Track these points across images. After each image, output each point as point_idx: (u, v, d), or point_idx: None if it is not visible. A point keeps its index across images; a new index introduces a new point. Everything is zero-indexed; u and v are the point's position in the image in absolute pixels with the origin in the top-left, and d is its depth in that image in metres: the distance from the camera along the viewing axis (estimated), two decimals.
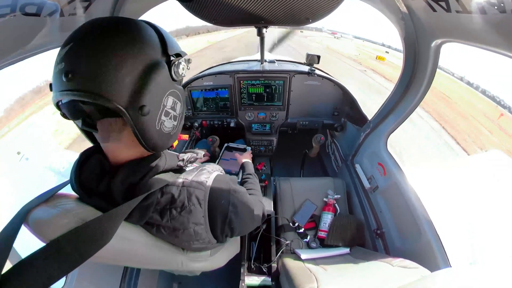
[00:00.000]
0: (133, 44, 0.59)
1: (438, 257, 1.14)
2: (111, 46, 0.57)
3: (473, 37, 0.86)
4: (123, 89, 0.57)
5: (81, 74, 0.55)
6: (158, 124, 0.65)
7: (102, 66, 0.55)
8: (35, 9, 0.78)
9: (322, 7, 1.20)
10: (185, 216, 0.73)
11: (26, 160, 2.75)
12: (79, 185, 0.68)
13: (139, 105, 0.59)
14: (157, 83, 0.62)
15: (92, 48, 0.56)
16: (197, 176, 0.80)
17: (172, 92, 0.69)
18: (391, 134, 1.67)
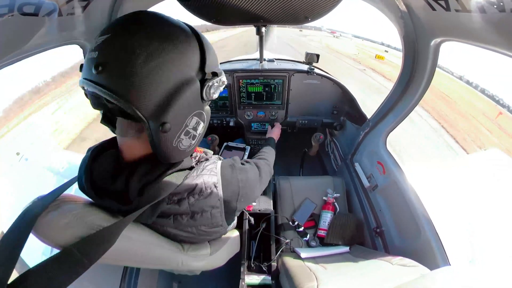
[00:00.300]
0: (173, 55, 0.56)
1: (437, 255, 1.14)
2: (150, 50, 0.54)
3: (473, 36, 0.86)
4: (150, 100, 0.55)
5: (111, 71, 0.53)
6: (175, 142, 0.64)
7: (135, 69, 0.53)
8: (33, 9, 0.77)
9: (321, 6, 1.20)
10: (203, 201, 0.78)
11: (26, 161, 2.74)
12: (90, 185, 0.65)
13: (161, 121, 0.57)
14: (185, 103, 0.60)
15: (129, 46, 0.53)
16: (206, 165, 0.84)
17: (198, 113, 0.67)
18: (390, 132, 1.68)
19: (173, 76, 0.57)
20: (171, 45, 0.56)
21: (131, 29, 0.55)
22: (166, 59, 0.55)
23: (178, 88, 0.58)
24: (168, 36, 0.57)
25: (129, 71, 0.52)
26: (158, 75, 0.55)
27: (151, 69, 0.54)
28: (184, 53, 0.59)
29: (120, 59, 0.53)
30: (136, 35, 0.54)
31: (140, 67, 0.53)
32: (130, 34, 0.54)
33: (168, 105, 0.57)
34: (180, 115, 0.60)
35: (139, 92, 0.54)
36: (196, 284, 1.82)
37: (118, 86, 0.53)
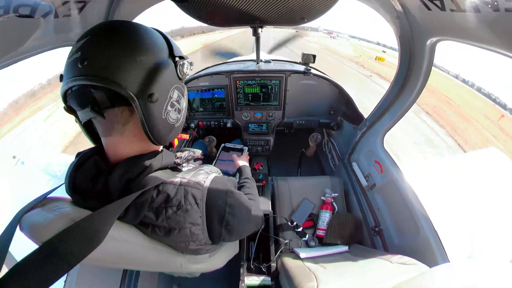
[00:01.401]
0: (145, 43, 0.65)
1: (436, 252, 1.15)
2: (127, 42, 0.63)
3: (468, 35, 0.87)
4: (135, 78, 0.62)
5: (97, 61, 0.59)
6: (164, 113, 0.69)
7: (117, 56, 0.60)
8: (29, 11, 0.77)
9: (317, 7, 1.21)
10: (181, 216, 0.73)
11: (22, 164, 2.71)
12: (72, 190, 0.68)
13: (148, 93, 0.63)
14: (166, 76, 0.67)
15: (109, 41, 0.62)
16: (194, 176, 0.79)
17: (178, 87, 0.74)
18: (387, 132, 1.69)
19: (151, 58, 0.65)
20: (143, 38, 0.66)
21: (108, 31, 0.65)
22: (141, 47, 0.64)
23: (157, 66, 0.66)
24: (138, 32, 0.67)
25: (112, 58, 0.60)
26: (139, 59, 0.62)
27: (132, 56, 0.62)
28: (154, 42, 0.68)
29: (103, 50, 0.60)
30: (114, 34, 0.64)
31: (122, 54, 0.61)
32: (108, 33, 0.64)
33: (152, 79, 0.64)
34: (164, 86, 0.67)
35: (125, 73, 0.60)
36: (196, 286, 1.81)
37: (104, 71, 0.59)
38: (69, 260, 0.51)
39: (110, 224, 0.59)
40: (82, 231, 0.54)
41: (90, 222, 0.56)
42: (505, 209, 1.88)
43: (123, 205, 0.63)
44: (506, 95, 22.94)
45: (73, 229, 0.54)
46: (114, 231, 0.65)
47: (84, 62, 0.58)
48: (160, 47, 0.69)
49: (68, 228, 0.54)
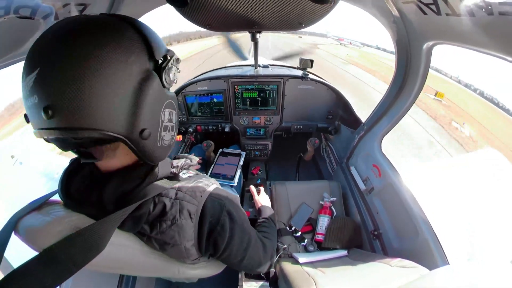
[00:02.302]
0: (114, 58, 0.49)
1: (436, 255, 1.15)
2: (89, 65, 0.47)
3: (463, 38, 0.89)
4: (117, 116, 0.51)
5: (63, 109, 0.47)
6: (159, 141, 0.63)
7: (86, 95, 0.47)
8: (29, 12, 0.77)
9: (315, 12, 1.22)
10: (176, 231, 0.70)
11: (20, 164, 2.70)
12: (67, 197, 0.66)
13: (138, 130, 0.54)
14: (152, 100, 0.56)
15: (65, 74, 0.46)
16: (192, 189, 0.76)
17: (168, 104, 0.64)
18: (385, 136, 1.70)
19: (128, 79, 0.52)
20: (109, 53, 0.49)
21: (59, 51, 0.47)
22: (111, 66, 0.49)
23: (139, 90, 0.53)
24: (99, 43, 0.49)
25: (81, 102, 0.47)
26: (113, 87, 0.49)
27: (102, 86, 0.48)
28: (126, 52, 0.52)
29: (64, 94, 0.46)
30: (68, 56, 0.47)
31: (90, 89, 0.47)
32: (61, 56, 0.47)
33: (138, 112, 0.53)
34: (153, 115, 0.58)
35: (103, 115, 0.49)
36: None
37: (78, 121, 0.48)
38: (70, 268, 0.50)
39: (110, 233, 0.58)
40: (84, 240, 0.54)
41: (92, 232, 0.55)
42: (505, 209, 1.88)
43: (122, 216, 0.61)
44: None
45: (74, 238, 0.53)
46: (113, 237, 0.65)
47: (48, 113, 0.46)
48: (136, 53, 0.54)
49: (69, 236, 0.53)
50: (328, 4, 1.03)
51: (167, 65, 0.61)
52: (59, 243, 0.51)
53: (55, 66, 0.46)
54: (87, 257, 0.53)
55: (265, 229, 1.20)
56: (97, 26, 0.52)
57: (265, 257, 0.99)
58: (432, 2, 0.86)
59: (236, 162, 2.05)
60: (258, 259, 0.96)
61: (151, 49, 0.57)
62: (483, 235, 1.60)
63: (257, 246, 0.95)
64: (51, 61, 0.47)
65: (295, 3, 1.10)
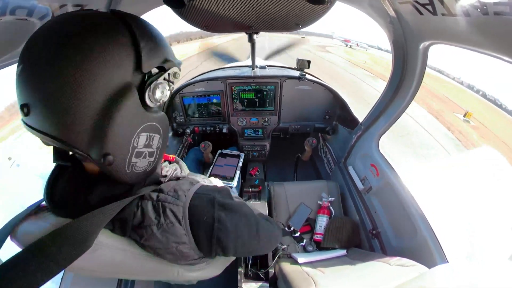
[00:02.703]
0: (94, 66, 0.46)
1: (434, 253, 1.15)
2: (62, 73, 0.45)
3: (459, 38, 0.89)
4: (81, 132, 0.48)
5: (35, 112, 0.47)
6: (128, 168, 0.57)
7: (53, 104, 0.45)
8: (26, 13, 0.77)
9: (311, 13, 1.23)
10: (163, 235, 0.65)
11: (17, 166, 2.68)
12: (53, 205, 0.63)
13: (101, 154, 0.50)
14: (123, 122, 0.51)
15: (40, 78, 0.45)
16: (174, 188, 0.69)
17: (146, 127, 0.57)
18: (382, 135, 1.71)
19: (99, 96, 0.47)
20: (87, 57, 0.46)
21: (39, 56, 0.46)
22: (84, 78, 0.45)
23: (108, 108, 0.48)
24: (82, 46, 0.46)
25: (51, 107, 0.46)
26: (81, 101, 0.46)
27: (71, 99, 0.45)
28: (107, 59, 0.47)
29: (37, 96, 0.46)
30: (44, 62, 0.45)
31: (59, 100, 0.45)
32: (38, 61, 0.46)
33: (102, 133, 0.49)
34: (121, 140, 0.52)
35: (69, 127, 0.47)
36: None
37: (46, 126, 0.48)
38: (59, 261, 0.49)
39: (99, 227, 0.55)
40: (73, 233, 0.52)
41: (80, 224, 0.53)
42: (505, 208, 1.90)
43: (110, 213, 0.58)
44: None
45: (63, 231, 0.51)
46: (109, 240, 0.64)
47: (24, 110, 0.47)
48: (118, 65, 0.49)
49: (58, 230, 0.51)
50: (324, 4, 1.03)
51: (156, 79, 0.55)
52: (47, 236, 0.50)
53: (34, 67, 0.46)
54: (77, 252, 0.51)
55: None
56: (85, 26, 0.49)
57: (275, 229, 0.93)
58: (428, 2, 0.87)
59: (235, 163, 2.05)
60: (273, 236, 0.90)
61: (140, 59, 0.51)
62: (483, 234, 1.61)
63: (266, 224, 0.88)
64: (32, 61, 0.47)
65: (292, 4, 1.10)
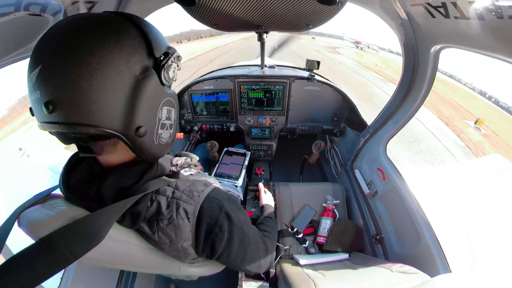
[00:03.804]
0: (114, 55, 0.51)
1: (438, 262, 1.13)
2: (88, 63, 0.49)
3: (472, 42, 0.87)
4: (114, 113, 0.52)
5: (63, 105, 0.49)
6: (156, 139, 0.63)
7: (84, 92, 0.49)
8: (39, 9, 0.79)
9: (322, 13, 1.21)
10: (173, 230, 0.70)
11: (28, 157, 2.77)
12: (67, 191, 0.67)
13: (134, 127, 0.55)
14: (149, 98, 0.57)
15: (65, 71, 0.48)
16: (189, 188, 0.75)
17: (166, 102, 0.64)
18: (390, 139, 1.68)
19: (126, 77, 0.53)
20: (108, 52, 0.51)
21: (59, 50, 0.50)
22: (109, 64, 0.51)
23: (136, 88, 0.55)
24: (99, 41, 0.51)
25: (79, 96, 0.49)
26: (110, 85, 0.51)
27: (100, 83, 0.50)
28: (126, 47, 0.53)
29: (64, 91, 0.48)
30: (67, 55, 0.49)
31: (88, 89, 0.49)
32: (61, 55, 0.49)
33: (134, 109, 0.54)
34: (149, 113, 0.59)
35: (100, 112, 0.51)
36: None
37: (76, 117, 0.50)
38: (67, 257, 0.51)
39: (110, 225, 0.58)
40: (82, 230, 0.54)
41: (90, 222, 0.55)
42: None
43: (121, 209, 0.61)
44: None
45: (73, 227, 0.53)
46: (113, 231, 0.66)
47: (49, 108, 0.49)
48: (135, 50, 0.55)
49: (68, 226, 0.53)
50: (335, 5, 1.02)
51: (166, 62, 0.62)
52: (57, 231, 0.52)
53: (56, 64, 0.49)
54: (85, 247, 0.53)
55: (267, 228, 1.19)
56: (98, 25, 0.53)
57: (264, 258, 0.97)
58: (441, 5, 0.85)
59: (241, 162, 2.05)
60: (258, 260, 0.94)
61: (151, 47, 0.58)
62: (489, 245, 1.56)
63: (258, 248, 0.93)
64: (53, 58, 0.49)
65: (302, 4, 1.09)
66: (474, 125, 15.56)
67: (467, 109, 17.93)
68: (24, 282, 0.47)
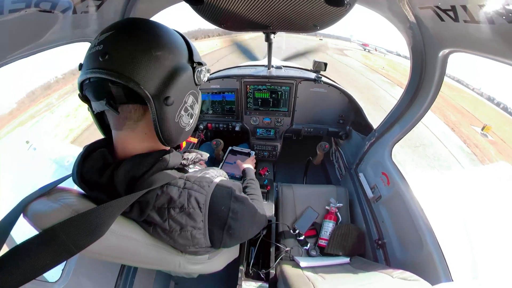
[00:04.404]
0: (167, 45, 0.66)
1: (439, 270, 1.11)
2: (150, 41, 0.63)
3: (481, 47, 0.86)
4: (154, 78, 0.62)
5: (118, 57, 0.59)
6: (177, 117, 0.70)
7: (139, 54, 0.60)
8: (49, 6, 0.80)
9: (330, 15, 1.21)
10: (184, 218, 0.73)
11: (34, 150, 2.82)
12: (80, 179, 0.68)
13: (165, 95, 0.63)
14: (183, 81, 0.68)
15: (132, 37, 0.62)
16: (199, 180, 0.79)
17: (193, 93, 0.75)
18: (396, 143, 1.66)
19: (171, 61, 0.66)
20: (165, 39, 0.66)
21: (133, 27, 0.65)
22: (163, 48, 0.64)
23: (176, 70, 0.66)
24: (162, 33, 0.67)
25: (133, 55, 0.60)
26: (159, 60, 0.63)
27: (153, 55, 0.62)
28: (176, 45, 0.68)
29: (126, 47, 0.60)
30: (136, 31, 0.64)
31: (144, 53, 0.61)
32: (133, 30, 0.64)
33: (169, 82, 0.64)
34: (179, 90, 0.68)
35: (144, 72, 0.60)
36: (193, 286, 1.80)
37: (125, 68, 0.59)
38: (69, 249, 0.52)
39: (113, 219, 0.59)
40: (86, 223, 0.55)
41: (94, 215, 0.57)
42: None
43: (128, 202, 0.63)
44: None
45: (76, 220, 0.55)
46: (116, 226, 0.67)
47: (105, 56, 0.59)
48: (180, 50, 0.70)
49: (72, 218, 0.55)
50: (343, 6, 1.02)
51: (200, 67, 0.74)
52: (61, 223, 0.53)
53: (126, 33, 0.63)
54: (88, 240, 0.54)
55: (253, 190, 1.26)
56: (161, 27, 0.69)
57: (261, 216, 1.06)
58: (450, 8, 0.83)
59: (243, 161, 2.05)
60: (259, 222, 1.03)
61: (192, 53, 0.73)
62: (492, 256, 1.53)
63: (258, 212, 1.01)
64: (125, 30, 0.64)
65: (310, 5, 1.09)
66: (481, 131, 15.30)
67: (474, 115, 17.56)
68: (27, 271, 0.48)
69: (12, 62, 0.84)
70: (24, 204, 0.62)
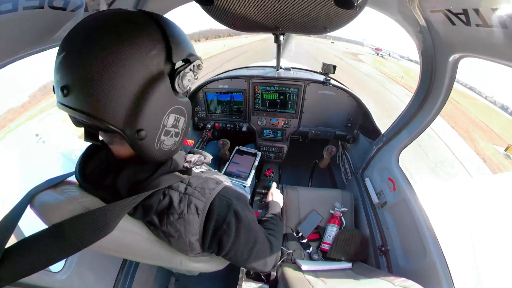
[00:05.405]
0: (129, 55, 0.52)
1: (442, 279, 1.08)
2: (103, 60, 0.50)
3: (493, 52, 0.83)
4: (118, 110, 0.53)
5: (75, 93, 0.52)
6: (157, 144, 0.62)
7: (94, 85, 0.50)
8: (62, 4, 0.82)
9: (340, 17, 1.20)
10: (182, 225, 0.72)
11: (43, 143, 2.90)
12: (83, 179, 0.69)
13: (135, 129, 0.55)
14: (156, 103, 0.56)
15: (82, 63, 0.50)
16: (202, 185, 0.77)
17: (175, 109, 0.63)
18: (403, 149, 1.63)
19: (136, 79, 0.53)
20: (124, 47, 0.51)
21: (81, 42, 0.52)
22: (123, 63, 0.51)
23: (145, 89, 0.54)
24: (120, 38, 0.52)
25: (90, 88, 0.51)
26: (120, 83, 0.52)
27: (111, 80, 0.51)
28: (143, 49, 0.53)
29: (78, 78, 0.51)
30: (86, 48, 0.51)
31: (99, 81, 0.50)
32: (82, 47, 0.52)
33: (138, 111, 0.54)
34: (153, 117, 0.58)
35: (106, 107, 0.52)
36: (193, 284, 1.81)
37: (84, 105, 0.52)
38: (75, 244, 0.53)
39: (120, 218, 0.60)
40: (93, 221, 0.56)
41: (102, 214, 0.57)
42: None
43: (134, 202, 0.63)
44: None
45: (84, 217, 0.56)
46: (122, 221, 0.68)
47: (64, 91, 0.52)
48: (152, 53, 0.55)
49: (80, 215, 0.56)
50: (353, 9, 1.01)
51: (183, 70, 0.61)
52: (69, 220, 0.54)
53: (76, 54, 0.51)
54: (94, 237, 0.55)
55: (272, 226, 1.18)
56: (120, 22, 0.54)
57: (270, 256, 0.98)
58: (462, 12, 0.82)
59: (251, 162, 2.04)
60: (264, 258, 0.95)
61: (171, 52, 0.58)
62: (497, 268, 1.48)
63: (264, 247, 0.94)
64: (74, 49, 0.52)
65: (320, 7, 1.09)
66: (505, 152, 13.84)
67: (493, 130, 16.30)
68: (34, 263, 0.50)
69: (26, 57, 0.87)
70: (31, 195, 0.64)
